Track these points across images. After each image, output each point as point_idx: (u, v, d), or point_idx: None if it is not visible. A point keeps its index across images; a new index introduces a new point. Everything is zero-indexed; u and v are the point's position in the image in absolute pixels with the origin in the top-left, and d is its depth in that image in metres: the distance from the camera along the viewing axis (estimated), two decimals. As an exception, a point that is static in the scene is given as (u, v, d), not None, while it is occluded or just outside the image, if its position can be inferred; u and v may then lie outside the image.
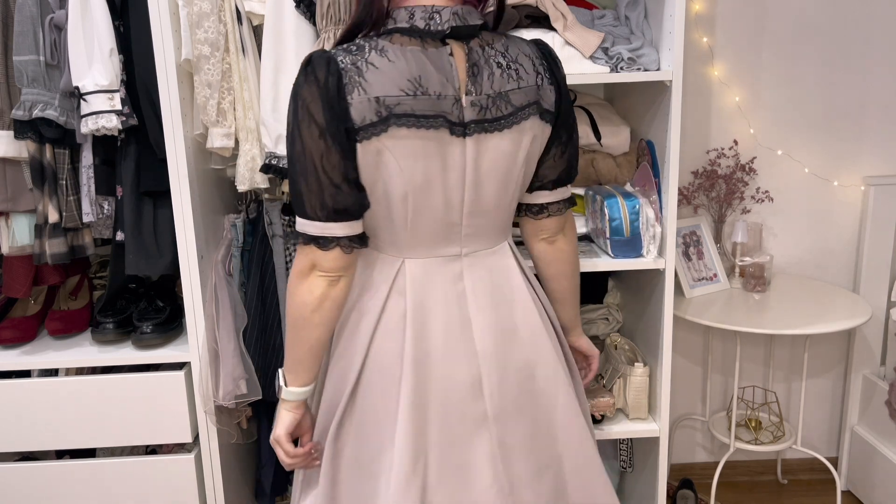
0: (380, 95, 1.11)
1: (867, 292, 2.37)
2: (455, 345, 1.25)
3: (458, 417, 1.25)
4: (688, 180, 2.35)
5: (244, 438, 1.88)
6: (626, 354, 1.98)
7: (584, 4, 1.90)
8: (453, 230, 1.24)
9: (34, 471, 1.78)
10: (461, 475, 1.26)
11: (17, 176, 1.71)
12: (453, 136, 1.16)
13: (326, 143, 1.12)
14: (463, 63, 1.17)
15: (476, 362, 1.26)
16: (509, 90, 1.19)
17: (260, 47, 1.65)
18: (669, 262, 1.76)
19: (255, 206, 1.88)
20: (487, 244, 1.29)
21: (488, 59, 1.18)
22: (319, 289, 1.19)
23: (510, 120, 1.19)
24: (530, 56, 1.24)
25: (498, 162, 1.21)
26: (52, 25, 1.62)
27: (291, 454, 1.28)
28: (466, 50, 1.17)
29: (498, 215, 1.28)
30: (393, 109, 1.12)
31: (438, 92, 1.14)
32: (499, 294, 1.30)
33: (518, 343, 1.30)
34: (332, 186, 1.14)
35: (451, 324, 1.25)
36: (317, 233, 1.16)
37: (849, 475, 2.49)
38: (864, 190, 2.36)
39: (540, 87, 1.23)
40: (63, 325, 1.85)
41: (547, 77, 1.24)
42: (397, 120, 1.12)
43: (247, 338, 1.79)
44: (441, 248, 1.25)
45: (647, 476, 1.99)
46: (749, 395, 2.45)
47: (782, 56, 2.30)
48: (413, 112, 1.12)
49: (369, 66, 1.12)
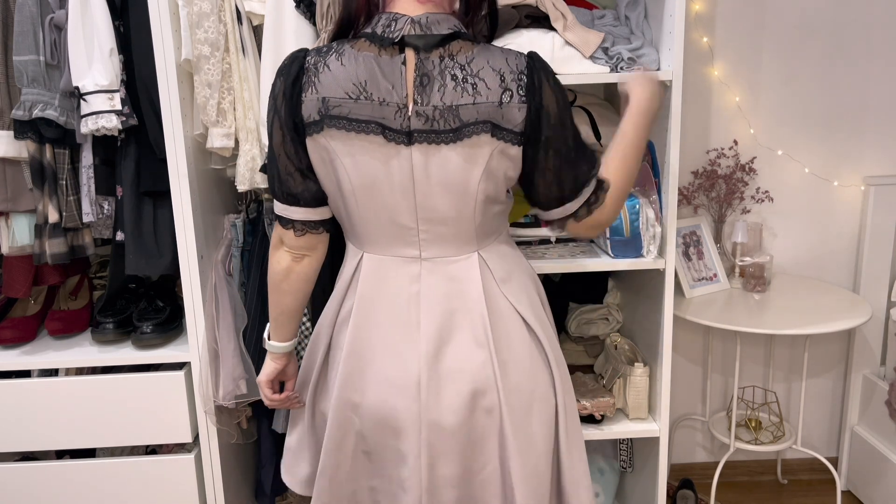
0: (326, 96, 1.18)
1: (867, 292, 2.37)
2: (398, 342, 1.27)
3: (388, 412, 1.28)
4: (688, 180, 2.35)
5: (244, 438, 1.88)
6: (626, 354, 1.98)
7: (584, 4, 1.90)
8: (409, 233, 1.25)
9: (34, 471, 1.78)
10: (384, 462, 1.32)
11: (17, 176, 1.71)
12: (391, 143, 1.18)
13: (283, 134, 1.23)
14: (413, 73, 1.17)
15: (417, 364, 1.26)
16: (460, 104, 1.16)
17: (260, 47, 1.65)
18: (669, 262, 1.76)
19: (255, 206, 1.88)
20: (450, 252, 1.27)
21: (443, 71, 1.17)
22: (285, 261, 1.33)
23: (458, 134, 1.17)
24: (500, 71, 1.18)
25: (449, 174, 1.20)
26: (52, 25, 1.62)
27: (270, 398, 1.43)
28: (419, 60, 1.17)
29: (459, 225, 1.25)
30: (330, 110, 1.18)
31: (382, 98, 1.17)
32: (452, 303, 1.27)
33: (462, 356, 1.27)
34: (286, 174, 1.25)
35: (398, 322, 1.28)
36: (279, 212, 1.30)
37: (849, 475, 2.49)
38: (864, 190, 2.37)
39: (502, 105, 1.17)
40: (63, 325, 1.85)
41: (519, 95, 1.18)
42: (330, 121, 1.18)
43: (247, 338, 1.79)
44: (398, 249, 1.27)
45: (647, 476, 1.99)
46: (749, 395, 2.45)
47: (782, 56, 2.30)
48: (348, 115, 1.17)
49: (325, 67, 1.19)
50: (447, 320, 1.27)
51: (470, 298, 1.27)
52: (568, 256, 1.83)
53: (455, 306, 1.27)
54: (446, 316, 1.27)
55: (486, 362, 1.26)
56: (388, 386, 1.27)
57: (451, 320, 1.27)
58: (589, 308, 2.10)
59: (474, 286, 1.27)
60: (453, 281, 1.28)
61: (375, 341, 1.29)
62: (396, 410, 1.27)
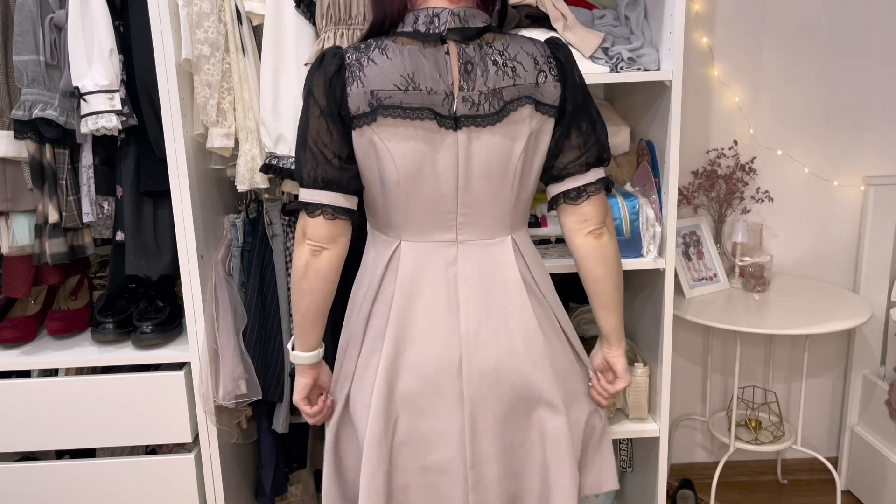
0: (374, 89, 1.23)
1: (867, 292, 2.37)
2: (440, 324, 1.32)
3: (433, 391, 1.32)
4: (688, 180, 2.35)
5: (244, 438, 1.88)
6: (626, 354, 1.97)
7: (584, 4, 1.90)
8: (448, 218, 1.31)
9: (34, 471, 1.78)
10: (427, 441, 1.35)
11: (17, 176, 1.71)
12: (442, 128, 1.24)
13: (324, 123, 1.26)
14: (457, 61, 1.25)
15: (458, 345, 1.31)
16: (503, 87, 1.25)
17: (260, 47, 1.65)
18: (669, 262, 1.76)
19: (255, 206, 1.88)
20: (485, 235, 1.33)
21: (484, 58, 1.25)
22: (304, 257, 1.31)
23: (501, 114, 1.25)
24: (533, 55, 1.28)
25: (491, 155, 1.27)
26: (52, 25, 1.62)
27: (310, 413, 1.41)
28: (461, 49, 1.25)
29: (497, 207, 1.32)
30: (383, 101, 1.23)
31: (430, 87, 1.23)
32: (491, 285, 1.33)
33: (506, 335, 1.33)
34: (324, 160, 1.27)
35: (439, 305, 1.32)
36: (306, 199, 1.29)
37: (849, 475, 2.49)
38: (864, 190, 2.37)
39: (539, 84, 1.28)
40: (63, 325, 1.85)
41: (553, 75, 1.29)
42: (384, 111, 1.23)
43: (247, 338, 1.79)
44: (436, 234, 1.32)
45: (647, 476, 1.99)
46: (749, 395, 2.45)
47: (782, 56, 2.30)
48: (401, 104, 1.23)
49: (370, 62, 1.24)
50: (485, 301, 1.32)
51: (508, 280, 1.33)
52: (568, 256, 1.82)
53: (493, 288, 1.33)
54: (484, 297, 1.32)
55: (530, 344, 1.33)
56: (431, 367, 1.32)
57: (490, 300, 1.32)
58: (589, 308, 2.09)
59: (511, 269, 1.34)
60: (487, 263, 1.33)
61: (418, 326, 1.32)
62: (441, 389, 1.32)
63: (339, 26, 1.58)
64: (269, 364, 1.80)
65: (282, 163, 1.65)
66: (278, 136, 1.64)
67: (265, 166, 1.66)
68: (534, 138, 1.30)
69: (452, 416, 1.33)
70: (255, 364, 1.77)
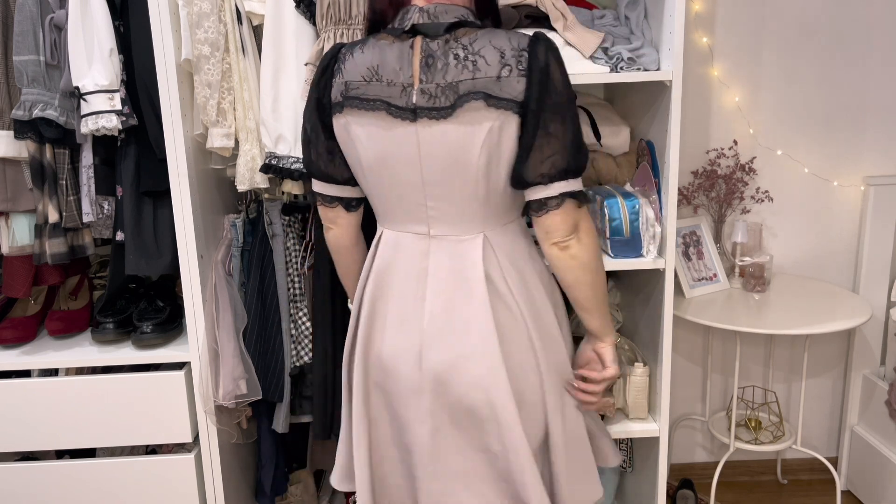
0: (348, 80, 1.31)
1: (867, 292, 2.37)
2: (407, 316, 1.35)
3: (396, 379, 1.37)
4: (688, 180, 2.35)
5: (244, 438, 1.88)
6: (626, 354, 1.98)
7: (584, 4, 1.90)
8: (419, 209, 1.33)
9: (34, 471, 1.78)
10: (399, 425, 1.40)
11: (17, 176, 1.71)
12: (398, 119, 1.27)
13: (314, 115, 1.36)
14: (419, 55, 1.27)
15: (419, 338, 1.34)
16: (459, 80, 1.24)
17: (260, 47, 1.65)
18: (669, 262, 1.76)
19: (255, 206, 1.88)
20: (456, 231, 1.33)
21: (447, 52, 1.25)
22: (325, 233, 1.50)
23: (454, 107, 1.24)
24: (501, 49, 1.23)
25: (449, 149, 1.27)
26: (52, 25, 1.62)
27: None
28: (425, 44, 1.27)
29: (464, 203, 1.30)
30: (350, 91, 1.30)
31: (390, 79, 1.28)
32: (457, 282, 1.33)
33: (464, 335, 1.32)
34: (314, 151, 1.39)
35: (408, 296, 1.35)
36: (313, 187, 1.45)
37: (849, 475, 2.49)
38: (864, 190, 2.37)
39: (500, 78, 1.22)
40: (63, 325, 1.85)
41: (519, 69, 1.22)
42: (348, 101, 1.30)
43: (247, 338, 1.79)
44: (410, 225, 1.36)
45: (647, 476, 1.99)
46: (749, 395, 2.45)
47: (782, 56, 2.30)
48: (360, 95, 1.29)
49: (351, 56, 1.32)
50: (450, 298, 1.32)
51: (471, 279, 1.32)
52: (568, 256, 1.83)
53: (459, 285, 1.32)
54: (450, 293, 1.32)
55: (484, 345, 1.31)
56: (395, 356, 1.36)
57: (454, 298, 1.32)
58: (589, 308, 2.10)
59: (475, 269, 1.32)
60: (458, 259, 1.33)
61: (388, 314, 1.37)
62: (402, 378, 1.35)
63: (340, 26, 1.58)
64: (269, 364, 1.80)
65: (282, 163, 1.65)
66: (278, 136, 1.64)
67: (265, 166, 1.66)
68: (495, 135, 1.24)
69: (415, 405, 1.35)
70: (255, 364, 1.77)
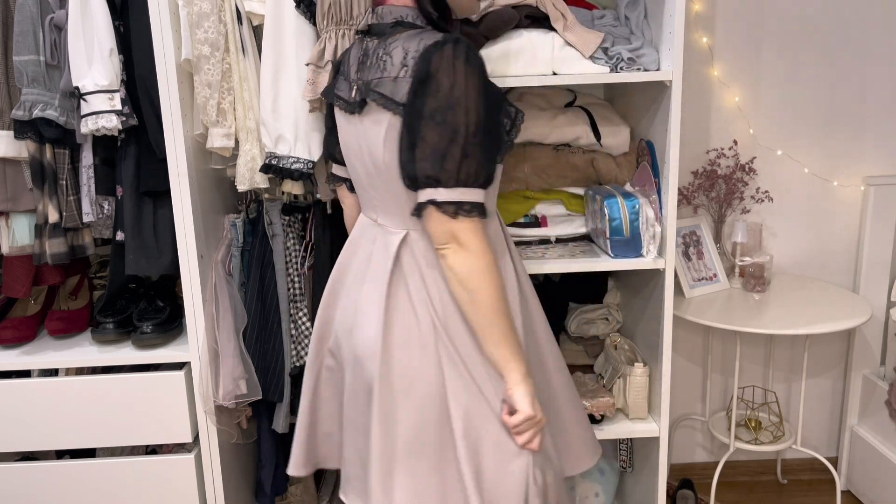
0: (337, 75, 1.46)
1: (867, 292, 2.37)
2: (351, 293, 1.43)
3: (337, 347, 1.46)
4: (688, 180, 2.35)
5: (244, 438, 1.88)
6: (626, 354, 1.98)
7: (584, 4, 1.90)
8: (370, 198, 1.42)
9: (34, 471, 1.78)
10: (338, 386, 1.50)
11: (17, 176, 1.71)
12: (346, 112, 1.38)
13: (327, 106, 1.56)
14: (358, 54, 1.38)
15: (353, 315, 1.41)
16: (371, 79, 1.30)
17: (260, 47, 1.65)
18: (669, 262, 1.76)
19: (255, 206, 1.88)
20: (389, 223, 1.38)
21: (375, 51, 1.32)
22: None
23: (362, 105, 1.33)
24: (407, 49, 1.25)
25: (367, 144, 1.34)
26: (52, 25, 1.62)
27: None
28: (366, 43, 1.36)
29: (390, 197, 1.35)
30: (333, 85, 1.45)
31: (346, 75, 1.40)
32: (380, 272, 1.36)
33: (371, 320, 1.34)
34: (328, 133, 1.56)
35: (357, 276, 1.43)
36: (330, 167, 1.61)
37: (848, 475, 2.49)
38: (864, 190, 2.37)
39: (397, 79, 1.25)
40: (63, 325, 1.85)
41: (411, 72, 1.23)
42: (331, 94, 1.45)
43: (247, 338, 1.79)
44: (368, 211, 1.45)
45: (647, 476, 1.99)
46: (749, 395, 2.45)
47: (782, 56, 2.30)
48: (334, 89, 1.44)
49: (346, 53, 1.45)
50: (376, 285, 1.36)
51: (382, 272, 1.35)
52: (568, 256, 1.83)
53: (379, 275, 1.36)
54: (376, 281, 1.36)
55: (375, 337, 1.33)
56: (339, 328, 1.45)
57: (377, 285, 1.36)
58: (589, 308, 2.10)
59: (387, 263, 1.34)
60: (384, 250, 1.37)
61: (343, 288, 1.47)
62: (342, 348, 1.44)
63: (341, 26, 1.58)
64: (269, 364, 1.80)
65: (282, 163, 1.65)
66: (278, 136, 1.64)
67: (265, 166, 1.66)
68: (392, 134, 1.27)
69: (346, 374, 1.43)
70: (255, 364, 1.77)
